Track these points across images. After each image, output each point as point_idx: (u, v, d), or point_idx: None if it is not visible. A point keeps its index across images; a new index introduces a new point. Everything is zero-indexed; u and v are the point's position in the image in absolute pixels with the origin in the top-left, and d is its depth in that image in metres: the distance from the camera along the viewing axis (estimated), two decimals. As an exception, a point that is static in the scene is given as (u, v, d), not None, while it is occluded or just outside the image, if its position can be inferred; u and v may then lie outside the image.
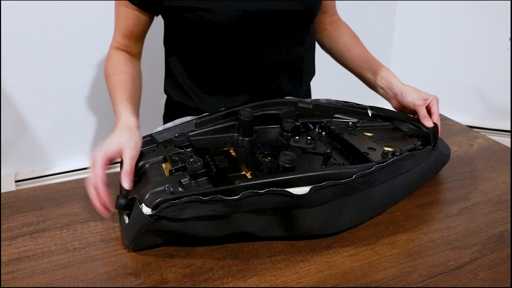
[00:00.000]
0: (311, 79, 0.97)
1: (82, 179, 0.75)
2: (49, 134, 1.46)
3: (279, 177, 0.55)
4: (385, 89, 0.88)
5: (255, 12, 0.74)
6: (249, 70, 0.81)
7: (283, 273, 0.53)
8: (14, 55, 1.30)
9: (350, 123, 0.77)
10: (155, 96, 1.51)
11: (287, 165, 0.58)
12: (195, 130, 0.71)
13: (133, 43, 0.81)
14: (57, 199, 0.69)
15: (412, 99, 0.81)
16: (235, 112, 0.73)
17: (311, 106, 0.79)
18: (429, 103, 0.81)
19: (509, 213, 0.66)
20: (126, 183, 0.59)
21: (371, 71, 0.90)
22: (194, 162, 0.56)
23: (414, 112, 0.82)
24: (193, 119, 0.72)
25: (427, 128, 0.76)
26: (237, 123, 0.72)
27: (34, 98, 1.38)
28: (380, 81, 0.89)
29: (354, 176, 0.56)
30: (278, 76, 0.84)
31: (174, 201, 0.52)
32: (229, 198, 0.52)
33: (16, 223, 0.63)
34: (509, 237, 0.60)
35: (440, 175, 0.77)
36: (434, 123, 0.77)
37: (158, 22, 0.85)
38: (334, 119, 0.80)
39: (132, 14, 0.78)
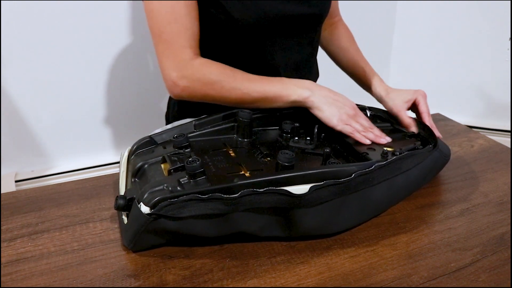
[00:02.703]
0: (316, 81, 0.97)
1: (82, 180, 0.75)
2: (49, 134, 1.46)
3: (277, 175, 0.55)
4: (373, 96, 0.89)
5: (275, 15, 0.75)
6: (262, 71, 0.81)
7: (283, 275, 0.53)
8: (14, 55, 1.30)
9: None
10: (158, 96, 1.51)
11: (286, 164, 0.57)
12: (194, 132, 0.71)
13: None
14: (56, 200, 0.69)
15: (390, 108, 0.80)
16: (234, 113, 0.73)
17: None
18: (414, 103, 0.79)
19: (510, 214, 0.66)
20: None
21: (359, 77, 0.92)
22: (192, 161, 0.56)
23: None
24: (192, 121, 0.72)
25: (420, 131, 0.76)
26: (236, 124, 0.72)
27: (34, 98, 1.38)
28: (368, 88, 0.90)
29: (353, 175, 0.56)
30: (289, 76, 0.84)
31: (173, 200, 0.51)
32: (228, 196, 0.52)
33: (15, 224, 0.63)
34: (510, 239, 0.60)
35: (440, 176, 0.77)
36: (424, 124, 0.76)
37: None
38: None
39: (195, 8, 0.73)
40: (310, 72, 0.90)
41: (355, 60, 0.93)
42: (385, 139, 0.71)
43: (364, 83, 0.91)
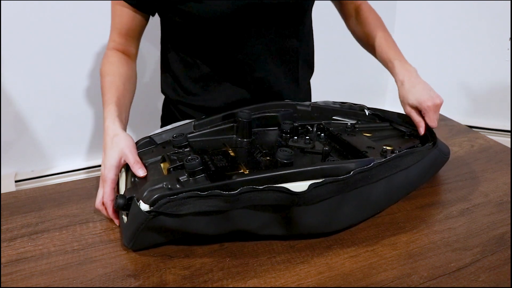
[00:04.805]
0: (310, 76, 0.96)
1: (82, 180, 0.75)
2: (49, 134, 1.46)
3: (276, 172, 0.55)
4: None
5: (246, 4, 0.74)
6: (243, 63, 0.81)
7: (283, 275, 0.53)
8: (14, 55, 1.30)
9: (349, 124, 0.77)
10: (153, 98, 1.51)
11: (285, 161, 0.58)
12: (193, 132, 0.71)
13: (129, 42, 0.81)
14: (56, 200, 0.69)
15: (402, 106, 0.78)
16: (234, 114, 0.73)
17: (309, 109, 0.79)
18: (423, 110, 0.75)
19: (510, 214, 0.66)
20: (141, 171, 0.61)
21: (385, 66, 0.87)
22: (192, 159, 0.57)
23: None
24: (192, 121, 0.72)
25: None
26: (235, 124, 0.72)
27: (34, 98, 1.38)
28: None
29: (352, 172, 0.56)
30: (273, 69, 0.84)
31: (172, 197, 0.51)
32: (227, 193, 0.52)
33: (15, 224, 0.63)
34: (510, 239, 0.60)
35: (440, 176, 0.77)
36: (427, 125, 0.74)
37: (156, 23, 0.85)
38: (332, 121, 0.79)
39: (127, 13, 0.77)
40: (299, 66, 0.88)
41: (378, 48, 0.88)
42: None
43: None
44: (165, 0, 0.75)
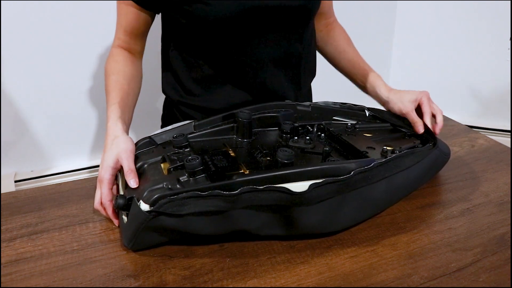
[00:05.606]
0: (311, 80, 0.96)
1: (81, 180, 0.75)
2: (49, 134, 1.46)
3: (277, 172, 0.54)
4: (373, 97, 0.89)
5: (252, 7, 0.74)
6: (247, 66, 0.81)
7: (283, 275, 0.53)
8: (14, 55, 1.30)
9: (349, 124, 0.77)
10: (154, 98, 1.51)
11: (285, 161, 0.58)
12: (194, 132, 0.71)
13: (134, 41, 0.81)
14: (56, 200, 0.69)
15: (398, 108, 0.80)
16: (234, 114, 0.73)
17: (309, 109, 0.79)
18: (418, 104, 0.79)
19: (510, 214, 0.65)
20: (133, 181, 0.59)
21: (360, 78, 0.91)
22: (192, 159, 0.57)
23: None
24: (192, 122, 0.72)
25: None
26: (235, 125, 0.72)
27: (34, 98, 1.38)
28: (369, 89, 0.89)
29: (352, 172, 0.56)
30: (276, 72, 0.84)
31: (172, 197, 0.51)
32: (227, 193, 0.52)
33: (15, 224, 0.63)
34: (510, 239, 0.60)
35: (441, 176, 0.77)
36: (426, 125, 0.76)
37: (157, 22, 0.85)
38: (333, 121, 0.79)
39: (132, 11, 0.77)
40: (301, 71, 0.88)
41: (355, 61, 0.92)
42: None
43: (365, 85, 0.90)
44: (170, 2, 0.75)
